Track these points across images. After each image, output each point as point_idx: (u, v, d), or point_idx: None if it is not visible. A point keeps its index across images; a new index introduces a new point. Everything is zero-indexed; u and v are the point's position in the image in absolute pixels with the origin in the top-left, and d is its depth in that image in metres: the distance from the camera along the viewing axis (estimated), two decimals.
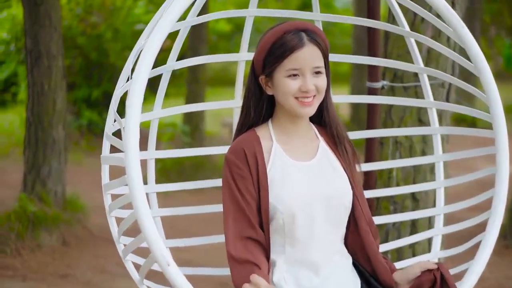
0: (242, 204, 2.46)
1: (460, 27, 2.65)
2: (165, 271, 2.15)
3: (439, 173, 3.26)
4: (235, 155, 2.50)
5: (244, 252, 2.43)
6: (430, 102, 3.27)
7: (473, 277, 2.59)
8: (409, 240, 3.38)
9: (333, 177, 2.56)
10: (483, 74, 2.66)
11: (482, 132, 2.94)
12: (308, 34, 2.50)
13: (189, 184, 3.16)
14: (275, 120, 2.60)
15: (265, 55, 2.51)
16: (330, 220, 2.52)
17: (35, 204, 6.48)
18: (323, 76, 2.52)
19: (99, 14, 11.31)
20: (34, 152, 6.73)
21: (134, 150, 2.18)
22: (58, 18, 6.68)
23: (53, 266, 5.93)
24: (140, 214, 2.14)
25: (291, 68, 2.47)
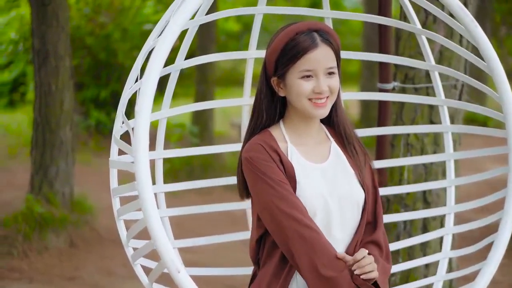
0: (282, 190, 2.40)
1: (473, 26, 2.63)
2: (175, 278, 2.14)
3: (450, 171, 3.24)
4: (255, 151, 2.45)
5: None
6: (442, 100, 3.24)
7: (485, 278, 2.58)
8: (420, 239, 3.36)
9: (345, 178, 2.53)
10: (496, 73, 2.64)
11: (494, 131, 2.94)
12: (321, 34, 2.46)
13: (197, 183, 3.14)
14: (287, 121, 2.56)
15: (277, 56, 2.47)
16: (344, 222, 2.49)
17: (42, 205, 6.44)
18: (336, 76, 2.49)
19: (107, 14, 11.27)
20: (41, 153, 6.69)
21: (144, 157, 2.16)
22: (65, 18, 6.64)
23: (60, 268, 5.90)
24: (151, 222, 2.13)
25: (304, 69, 2.43)
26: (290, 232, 2.36)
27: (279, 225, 2.38)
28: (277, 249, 2.46)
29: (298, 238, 2.36)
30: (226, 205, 3.16)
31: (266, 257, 2.50)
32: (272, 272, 2.46)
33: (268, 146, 2.46)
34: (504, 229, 2.62)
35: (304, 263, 2.36)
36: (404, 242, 3.36)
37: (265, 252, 2.51)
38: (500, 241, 2.61)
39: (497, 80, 2.64)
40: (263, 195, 2.41)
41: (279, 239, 2.40)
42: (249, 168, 2.44)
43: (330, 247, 2.39)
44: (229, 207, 3.16)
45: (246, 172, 2.47)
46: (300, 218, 2.37)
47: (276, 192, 2.39)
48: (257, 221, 2.51)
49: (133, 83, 2.72)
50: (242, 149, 2.54)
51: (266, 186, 2.40)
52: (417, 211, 3.62)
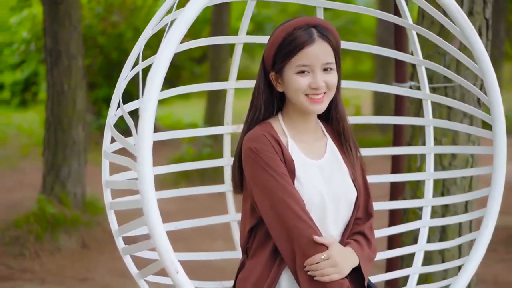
0: (284, 183, 2.41)
1: (469, 29, 2.67)
2: (174, 278, 2.14)
3: (430, 165, 3.31)
4: (260, 142, 2.45)
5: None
6: (426, 94, 3.30)
7: (467, 274, 2.71)
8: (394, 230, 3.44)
9: (341, 176, 2.55)
10: (487, 76, 2.71)
11: (481, 132, 3.05)
12: (319, 30, 2.47)
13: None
14: (285, 116, 2.57)
15: (275, 51, 2.49)
16: (338, 220, 2.52)
17: (55, 205, 6.42)
18: (334, 72, 2.49)
19: (119, 13, 11.25)
20: (53, 153, 6.66)
21: (148, 156, 2.13)
22: (78, 17, 6.61)
23: (72, 269, 5.87)
24: (152, 223, 2.12)
25: (300, 64, 2.44)
26: (290, 226, 2.38)
27: (279, 217, 2.39)
28: (269, 241, 2.47)
29: (297, 233, 2.37)
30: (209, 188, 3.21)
31: (257, 247, 2.51)
32: (263, 264, 2.46)
33: (272, 137, 2.47)
34: (486, 227, 2.72)
35: (297, 259, 2.38)
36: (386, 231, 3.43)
37: (256, 242, 2.51)
38: (481, 239, 2.72)
39: (487, 83, 2.71)
40: (266, 186, 2.41)
41: (276, 231, 2.40)
42: (252, 159, 2.43)
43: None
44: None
45: (248, 162, 2.45)
46: (301, 213, 2.38)
47: (279, 185, 2.40)
48: (250, 211, 2.51)
49: (129, 71, 2.73)
50: (241, 140, 2.53)
51: (269, 178, 2.40)
52: (397, 201, 3.65)
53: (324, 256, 2.36)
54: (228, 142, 3.25)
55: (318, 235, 2.39)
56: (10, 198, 7.81)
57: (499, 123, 2.74)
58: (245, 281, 2.50)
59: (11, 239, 6.07)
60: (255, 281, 2.46)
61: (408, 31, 3.23)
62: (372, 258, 2.58)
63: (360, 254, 2.49)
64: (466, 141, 3.92)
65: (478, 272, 5.42)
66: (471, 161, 3.94)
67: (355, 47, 3.20)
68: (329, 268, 2.36)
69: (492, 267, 5.72)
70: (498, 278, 5.48)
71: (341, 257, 2.40)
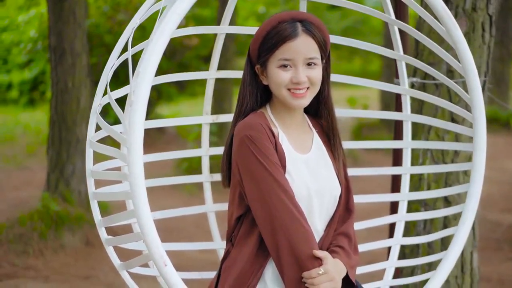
0: (277, 173, 2.41)
1: (452, 26, 2.71)
2: (162, 271, 2.14)
3: (406, 159, 3.41)
4: (257, 131, 2.44)
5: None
6: (405, 90, 3.41)
7: (445, 269, 2.77)
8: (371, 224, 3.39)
9: (326, 171, 2.56)
10: (470, 76, 2.75)
11: (462, 129, 3.10)
12: (304, 24, 2.47)
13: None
14: (272, 108, 2.58)
15: (259, 44, 2.49)
16: (322, 213, 2.53)
17: (59, 203, 6.41)
18: (318, 68, 2.49)
19: (126, 12, 11.20)
20: (57, 151, 6.66)
21: (139, 146, 2.12)
22: (82, 15, 6.60)
23: (76, 267, 5.85)
24: (141, 215, 2.11)
25: (282, 58, 2.45)
26: (280, 216, 2.38)
27: (269, 207, 2.39)
28: (255, 230, 2.47)
29: (287, 223, 2.38)
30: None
31: (242, 237, 2.51)
32: (248, 253, 2.47)
33: (267, 127, 2.47)
34: (464, 222, 2.79)
35: (284, 248, 2.38)
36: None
37: (242, 231, 2.52)
38: (460, 233, 2.78)
39: (470, 82, 2.76)
40: (257, 176, 2.41)
41: (264, 221, 2.40)
42: (247, 146, 2.42)
43: (313, 240, 2.42)
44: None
45: (242, 150, 2.44)
46: (291, 205, 2.39)
47: (271, 175, 2.40)
48: (239, 199, 2.51)
49: (116, 59, 2.73)
50: (232, 131, 2.53)
51: (261, 168, 2.40)
52: (379, 194, 3.61)
53: (322, 271, 2.37)
54: (206, 132, 3.29)
55: (307, 229, 2.40)
56: (16, 196, 7.82)
57: (479, 122, 2.79)
58: (230, 269, 2.51)
59: (15, 236, 6.05)
60: (239, 271, 2.47)
61: (390, 26, 3.29)
62: (357, 262, 2.61)
63: (347, 263, 2.52)
64: (469, 138, 3.89)
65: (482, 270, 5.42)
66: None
67: (341, 41, 3.23)
68: (327, 282, 2.37)
69: (497, 266, 5.69)
70: (504, 277, 5.45)
71: (335, 270, 2.42)
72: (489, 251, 6.06)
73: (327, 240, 2.54)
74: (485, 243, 6.25)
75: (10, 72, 16.18)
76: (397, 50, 3.30)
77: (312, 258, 2.38)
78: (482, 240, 6.21)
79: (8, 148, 11.07)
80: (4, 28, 16.38)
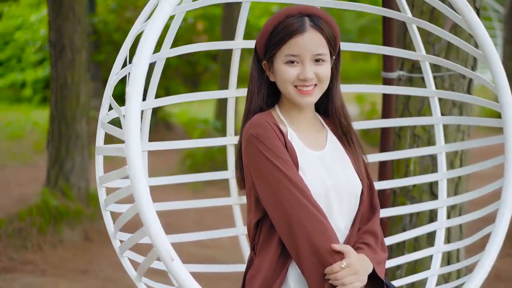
0: (289, 170, 2.31)
1: (467, 12, 2.50)
2: (169, 266, 2.03)
3: (442, 164, 3.17)
4: (263, 128, 2.34)
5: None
6: (432, 91, 3.18)
7: (483, 269, 2.51)
8: (410, 235, 3.26)
9: (343, 168, 2.44)
10: (492, 62, 2.53)
11: (490, 121, 2.85)
12: (312, 19, 2.37)
13: (185, 177, 3.07)
14: (281, 107, 2.48)
15: (266, 39, 2.40)
16: (343, 211, 2.41)
17: (58, 198, 6.43)
18: (326, 64, 2.39)
19: (134, 9, 11.23)
20: (57, 146, 6.68)
21: (136, 138, 2.06)
22: (82, 10, 6.61)
23: (74, 261, 5.87)
24: (143, 206, 2.02)
25: (289, 53, 2.35)
26: (295, 213, 2.27)
27: (283, 206, 2.28)
28: (274, 235, 2.36)
29: (304, 220, 2.26)
30: (213, 201, 3.14)
31: (263, 243, 2.40)
32: (270, 260, 2.36)
33: (274, 125, 2.37)
34: (501, 219, 2.53)
35: (304, 246, 2.27)
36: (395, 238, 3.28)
37: (262, 237, 2.40)
38: (497, 231, 2.53)
39: (493, 70, 2.54)
40: (269, 175, 2.30)
41: (280, 223, 2.30)
42: (254, 145, 2.33)
43: (333, 235, 2.31)
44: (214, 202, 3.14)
45: (250, 149, 2.34)
46: (306, 201, 2.28)
47: (282, 172, 2.29)
48: (255, 204, 2.40)
49: (120, 68, 2.66)
50: (241, 132, 2.44)
51: (272, 166, 2.30)
52: (404, 206, 3.49)
53: (344, 264, 2.25)
54: (232, 154, 3.14)
55: (325, 224, 2.29)
56: (21, 192, 7.85)
57: (509, 109, 2.55)
58: (254, 279, 2.39)
59: (14, 231, 6.08)
60: (263, 278, 2.36)
61: (408, 26, 3.14)
62: (384, 259, 2.47)
63: (373, 258, 2.39)
64: (456, 131, 3.86)
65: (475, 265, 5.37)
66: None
67: (352, 48, 3.12)
68: (350, 276, 2.25)
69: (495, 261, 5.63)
70: (501, 272, 5.39)
71: (359, 264, 2.29)
72: None
73: (352, 239, 2.42)
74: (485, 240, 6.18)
75: (24, 71, 16.26)
76: (419, 50, 3.15)
77: (333, 252, 2.25)
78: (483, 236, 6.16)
79: (16, 145, 11.13)
80: (18, 27, 16.47)
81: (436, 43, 3.80)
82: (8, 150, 10.74)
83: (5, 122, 13.07)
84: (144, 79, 2.12)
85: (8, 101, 16.12)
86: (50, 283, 5.38)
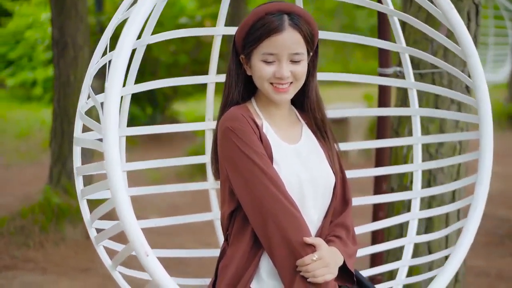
0: (264, 164, 2.34)
1: (448, 8, 2.56)
2: (144, 261, 2.06)
3: (417, 155, 3.23)
4: (238, 121, 2.38)
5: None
6: (410, 83, 3.24)
7: (454, 263, 2.58)
8: (382, 225, 3.32)
9: (317, 162, 2.49)
10: (470, 58, 2.60)
11: (467, 117, 2.94)
12: (292, 17, 2.39)
13: (163, 162, 3.09)
14: (258, 100, 2.52)
15: (245, 34, 2.42)
16: (317, 204, 2.45)
17: (60, 196, 6.41)
18: (303, 63, 2.42)
19: None
20: (59, 144, 6.66)
21: (114, 134, 2.07)
22: (84, 8, 6.59)
23: (76, 260, 5.86)
24: (120, 204, 2.04)
25: (267, 52, 2.38)
26: (268, 206, 2.30)
27: (257, 198, 2.32)
28: (248, 226, 2.40)
29: (277, 212, 2.30)
30: (192, 185, 3.18)
31: (236, 234, 2.45)
32: (243, 250, 2.41)
33: (249, 118, 2.41)
34: (473, 214, 2.61)
35: (276, 238, 2.31)
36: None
37: (235, 228, 2.45)
38: (469, 226, 2.60)
39: (471, 66, 2.61)
40: (243, 168, 2.34)
41: (254, 216, 2.34)
42: (230, 138, 2.36)
43: (305, 228, 2.35)
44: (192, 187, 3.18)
45: (225, 142, 2.38)
46: (279, 194, 2.32)
47: (257, 165, 2.33)
48: (229, 195, 2.44)
49: (100, 57, 2.67)
50: (218, 121, 2.46)
51: (246, 158, 2.34)
52: (389, 194, 3.49)
53: (316, 257, 2.30)
54: (209, 139, 3.16)
55: (298, 217, 2.33)
56: (25, 190, 7.85)
57: (484, 106, 2.63)
58: (226, 268, 2.44)
59: (16, 229, 6.08)
60: (235, 268, 2.40)
61: (390, 18, 3.17)
62: (355, 251, 2.54)
63: (344, 251, 2.44)
64: (454, 127, 3.82)
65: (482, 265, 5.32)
66: (459, 148, 3.84)
67: (333, 37, 3.13)
68: (322, 268, 2.30)
69: (497, 261, 5.60)
70: (503, 272, 5.35)
71: (330, 257, 2.34)
72: (491, 246, 5.97)
73: (324, 231, 2.48)
74: (489, 239, 6.16)
75: (34, 70, 16.28)
76: (399, 42, 3.19)
77: (305, 245, 2.31)
78: (486, 236, 6.13)
79: (23, 143, 11.15)
80: (28, 26, 16.48)
81: (435, 40, 3.76)
82: (16, 148, 10.76)
83: (15, 120, 13.11)
84: (124, 72, 2.14)
85: (19, 100, 16.17)
86: (51, 281, 5.36)
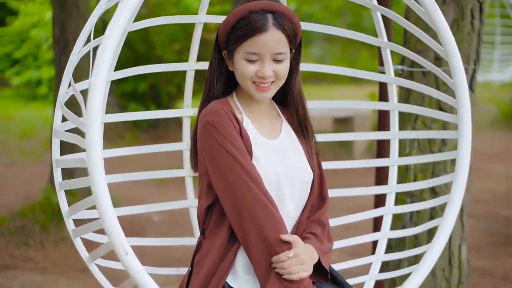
0: (242, 158, 2.34)
1: (433, 9, 2.58)
2: (123, 260, 2.03)
3: (394, 150, 3.29)
4: (218, 115, 2.38)
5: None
6: (391, 78, 3.27)
7: (429, 261, 2.60)
8: (356, 218, 3.29)
9: (296, 157, 2.49)
10: (452, 59, 2.62)
11: (447, 116, 2.98)
12: (275, 17, 2.38)
13: (139, 149, 3.09)
14: (238, 94, 2.52)
15: (228, 31, 2.41)
16: (295, 201, 2.47)
17: None
18: (285, 62, 2.42)
19: (145, 5, 11.19)
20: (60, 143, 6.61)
21: (97, 129, 2.04)
22: (86, 6, 6.57)
23: (76, 259, 5.81)
24: (101, 202, 2.02)
25: (250, 51, 2.37)
26: (246, 201, 2.32)
27: (235, 193, 2.33)
28: (225, 220, 2.41)
29: (255, 209, 2.31)
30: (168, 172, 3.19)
31: (212, 228, 2.45)
32: (219, 244, 2.41)
33: (230, 112, 2.41)
34: (450, 212, 2.64)
35: (253, 234, 2.32)
36: None
37: (212, 222, 2.45)
38: (445, 224, 2.63)
39: (452, 66, 2.63)
40: (222, 163, 2.35)
41: (232, 211, 2.35)
42: (210, 132, 2.36)
43: (282, 225, 2.36)
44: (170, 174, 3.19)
45: (205, 135, 2.38)
46: (257, 190, 2.32)
47: (236, 160, 2.33)
48: (207, 189, 2.44)
49: (82, 46, 2.66)
50: (198, 115, 2.47)
51: (226, 154, 2.34)
52: (364, 188, 3.46)
53: (292, 254, 2.31)
54: (187, 126, 3.20)
55: (275, 214, 2.33)
56: (26, 189, 7.84)
57: (463, 106, 2.66)
58: (202, 262, 2.44)
59: (16, 228, 6.06)
60: (211, 262, 2.41)
61: (373, 13, 3.19)
62: (330, 249, 2.56)
63: (319, 248, 2.46)
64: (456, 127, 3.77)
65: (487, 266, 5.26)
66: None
67: (321, 29, 3.15)
68: (297, 265, 2.31)
69: (503, 261, 5.55)
70: (509, 272, 5.30)
71: (306, 254, 2.36)
72: (497, 247, 5.92)
73: (301, 227, 2.48)
74: (495, 239, 6.10)
75: (40, 69, 16.28)
76: (381, 37, 3.22)
77: (281, 242, 2.31)
78: (492, 236, 6.08)
79: (27, 142, 11.15)
80: (34, 25, 16.49)
81: (435, 38, 3.71)
82: (19, 147, 10.75)
83: (19, 119, 13.11)
84: (110, 60, 2.10)
85: (24, 98, 16.20)
86: (51, 281, 5.34)
